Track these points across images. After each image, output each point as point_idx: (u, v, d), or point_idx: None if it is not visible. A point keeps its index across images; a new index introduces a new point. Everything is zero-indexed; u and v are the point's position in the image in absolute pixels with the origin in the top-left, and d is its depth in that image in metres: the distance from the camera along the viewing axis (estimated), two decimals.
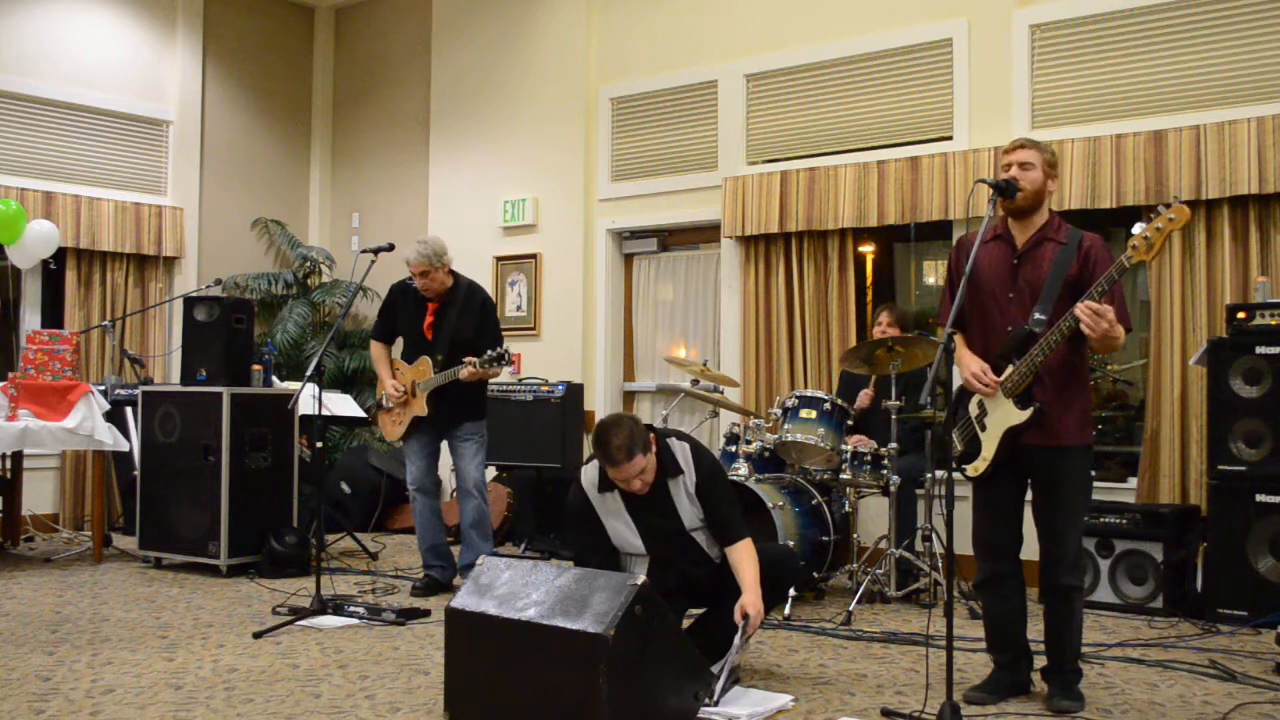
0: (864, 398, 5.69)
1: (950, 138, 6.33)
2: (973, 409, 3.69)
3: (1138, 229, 3.35)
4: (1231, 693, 3.79)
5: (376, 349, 5.78)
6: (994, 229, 3.74)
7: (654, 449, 3.72)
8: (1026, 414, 3.51)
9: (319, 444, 5.95)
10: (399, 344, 5.81)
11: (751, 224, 6.87)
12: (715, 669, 3.52)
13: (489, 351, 5.36)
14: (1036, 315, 3.50)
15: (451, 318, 5.57)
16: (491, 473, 7.49)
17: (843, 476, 5.41)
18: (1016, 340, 3.53)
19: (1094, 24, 5.92)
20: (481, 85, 8.38)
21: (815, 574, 5.44)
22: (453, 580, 5.62)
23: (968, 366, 3.64)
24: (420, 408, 5.55)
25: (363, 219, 9.19)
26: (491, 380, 5.89)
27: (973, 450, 3.68)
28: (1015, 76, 6.12)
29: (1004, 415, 3.57)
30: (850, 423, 5.55)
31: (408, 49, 8.95)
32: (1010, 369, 3.54)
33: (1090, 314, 3.34)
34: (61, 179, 7.86)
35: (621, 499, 3.79)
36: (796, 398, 5.51)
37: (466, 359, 5.37)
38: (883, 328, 5.78)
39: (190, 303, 6.35)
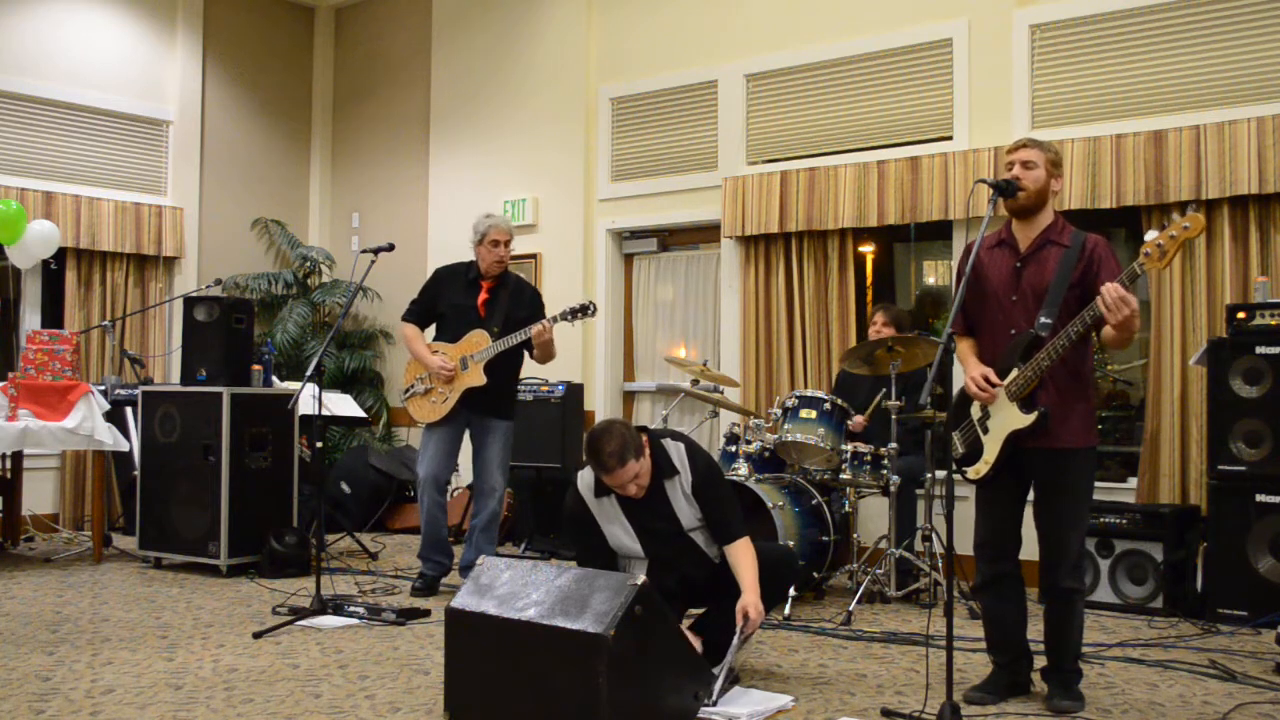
0: (857, 424, 5.63)
1: (950, 138, 6.33)
2: (975, 411, 3.69)
3: (1150, 236, 3.32)
4: (1231, 693, 3.79)
5: (411, 330, 5.62)
6: (998, 234, 3.73)
7: (648, 451, 3.72)
8: (1031, 418, 3.50)
9: (319, 444, 5.94)
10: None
11: (751, 224, 6.87)
12: (715, 669, 3.52)
13: (566, 306, 5.41)
14: (1042, 319, 3.49)
15: (505, 298, 5.56)
16: None
17: (843, 476, 5.40)
18: (1022, 344, 3.53)
19: (1094, 24, 5.92)
20: (481, 85, 8.38)
21: (815, 574, 5.44)
22: (446, 575, 5.59)
23: (970, 371, 3.64)
24: (477, 377, 5.40)
25: (363, 219, 9.19)
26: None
27: (974, 452, 3.67)
28: (1015, 76, 6.12)
29: (1007, 419, 3.56)
30: (850, 423, 5.55)
31: (408, 49, 8.96)
32: (1015, 372, 3.53)
33: (1115, 297, 3.26)
34: (61, 179, 7.86)
35: (619, 503, 3.79)
36: (796, 398, 5.51)
37: (540, 321, 5.35)
38: (878, 328, 5.77)
39: (190, 303, 6.35)
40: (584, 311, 5.38)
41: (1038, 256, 3.61)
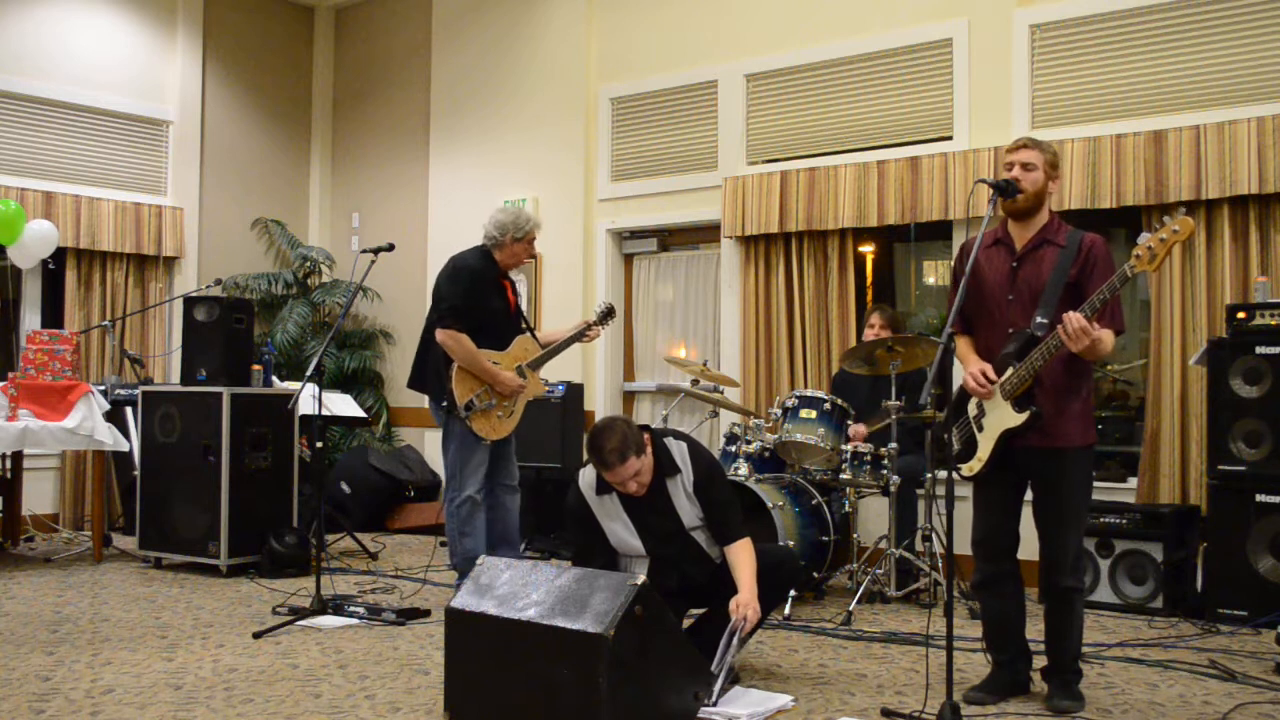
0: (857, 434, 5.57)
1: (950, 138, 6.33)
2: (971, 409, 3.69)
3: (1142, 239, 3.34)
4: (1231, 693, 3.79)
5: (470, 342, 5.18)
6: (994, 234, 3.75)
7: (650, 449, 3.72)
8: (1023, 417, 3.50)
9: (319, 444, 5.93)
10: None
11: (751, 224, 6.87)
12: (713, 668, 3.52)
13: (598, 309, 5.57)
14: (1038, 319, 3.50)
15: (514, 292, 5.56)
16: None
17: (843, 476, 5.40)
18: (1018, 344, 3.53)
19: (1094, 24, 5.92)
20: (481, 85, 8.38)
21: (815, 574, 5.44)
22: None
23: (968, 366, 3.65)
24: (537, 387, 5.39)
25: (363, 219, 9.19)
26: None
27: (969, 450, 3.68)
28: (1015, 76, 6.12)
29: (1001, 417, 3.57)
30: (850, 421, 5.54)
31: (408, 49, 8.95)
32: (1010, 371, 3.54)
33: (1076, 328, 3.32)
34: (61, 179, 7.86)
35: (620, 501, 3.79)
36: (796, 398, 5.51)
37: (588, 323, 5.49)
38: (875, 330, 5.78)
39: (190, 303, 6.35)
40: (611, 314, 5.58)
41: (1034, 256, 3.62)
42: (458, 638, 3.38)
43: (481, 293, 5.34)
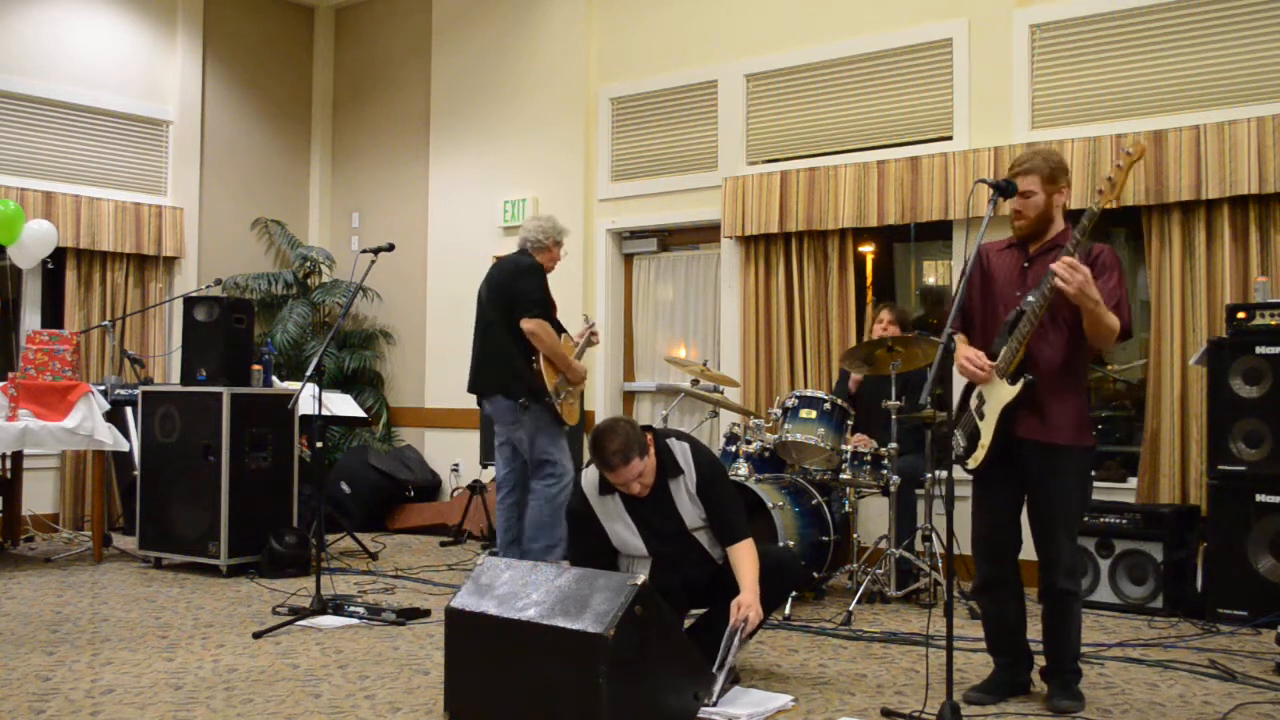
0: (854, 384, 5.76)
1: (950, 138, 6.33)
2: (973, 403, 3.70)
3: (1102, 177, 3.40)
4: (1231, 693, 3.79)
5: (554, 331, 5.48)
6: (1009, 239, 3.78)
7: (652, 450, 3.73)
8: (1017, 388, 3.51)
9: (319, 444, 5.92)
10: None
11: (751, 224, 6.87)
12: (713, 669, 3.52)
13: (589, 321, 6.04)
14: (1028, 298, 3.52)
15: None
16: (491, 472, 7.47)
17: (843, 476, 5.41)
18: (1009, 325, 3.56)
19: (1094, 24, 5.92)
20: (481, 85, 8.38)
21: (815, 574, 5.44)
22: None
23: (961, 353, 3.65)
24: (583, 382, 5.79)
25: (363, 219, 9.19)
26: None
27: (974, 443, 3.68)
28: (1015, 76, 6.12)
29: (999, 396, 3.57)
30: (850, 421, 5.55)
31: (408, 49, 8.95)
32: (1004, 350, 3.55)
33: (1066, 264, 3.35)
34: (61, 179, 7.86)
35: (622, 501, 3.79)
36: (796, 398, 5.51)
37: (591, 329, 5.89)
38: (884, 325, 5.78)
39: (190, 303, 6.34)
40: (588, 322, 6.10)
41: (1045, 258, 3.63)
42: (458, 638, 3.38)
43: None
